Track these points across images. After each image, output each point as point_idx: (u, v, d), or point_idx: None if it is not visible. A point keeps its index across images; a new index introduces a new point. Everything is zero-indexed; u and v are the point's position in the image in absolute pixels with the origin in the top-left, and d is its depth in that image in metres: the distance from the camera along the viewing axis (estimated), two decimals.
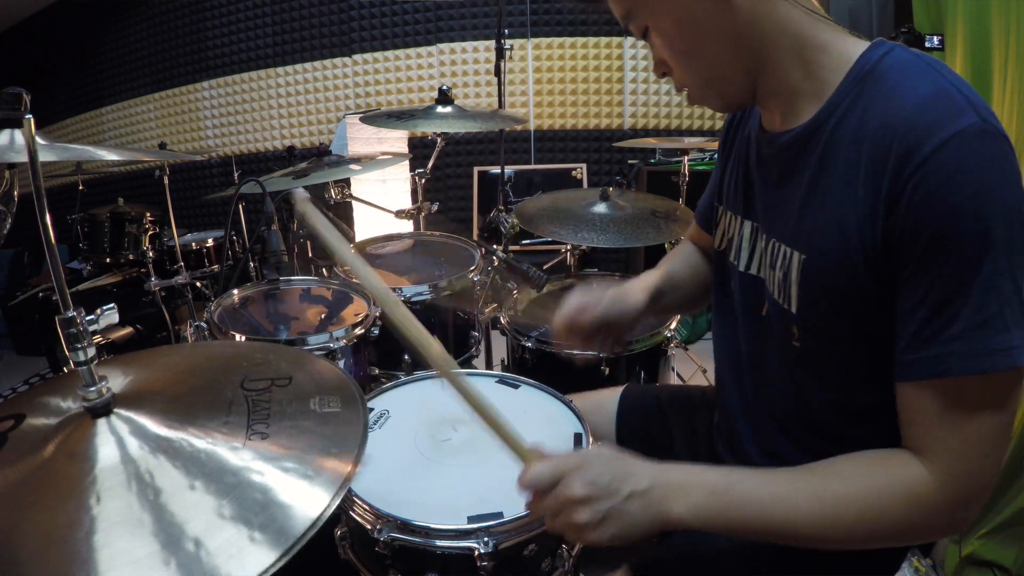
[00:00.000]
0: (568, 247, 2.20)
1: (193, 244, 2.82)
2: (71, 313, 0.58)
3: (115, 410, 0.61)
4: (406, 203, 3.04)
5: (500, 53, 2.29)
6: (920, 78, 0.65)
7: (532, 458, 0.73)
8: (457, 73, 3.73)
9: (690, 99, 0.82)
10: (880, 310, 0.69)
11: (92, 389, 0.60)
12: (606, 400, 1.18)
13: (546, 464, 0.72)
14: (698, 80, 0.78)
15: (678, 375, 2.35)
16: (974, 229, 0.60)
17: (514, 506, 0.82)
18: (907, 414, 0.68)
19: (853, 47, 0.72)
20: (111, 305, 0.59)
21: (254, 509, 0.53)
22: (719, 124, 3.63)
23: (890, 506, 0.67)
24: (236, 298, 1.55)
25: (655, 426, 1.13)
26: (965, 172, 0.60)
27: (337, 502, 0.54)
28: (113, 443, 0.58)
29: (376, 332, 1.46)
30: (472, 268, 1.70)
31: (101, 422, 0.60)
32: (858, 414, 0.78)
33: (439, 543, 0.80)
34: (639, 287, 1.07)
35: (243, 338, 1.34)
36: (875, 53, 0.70)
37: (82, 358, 0.59)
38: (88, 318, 0.60)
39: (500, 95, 2.44)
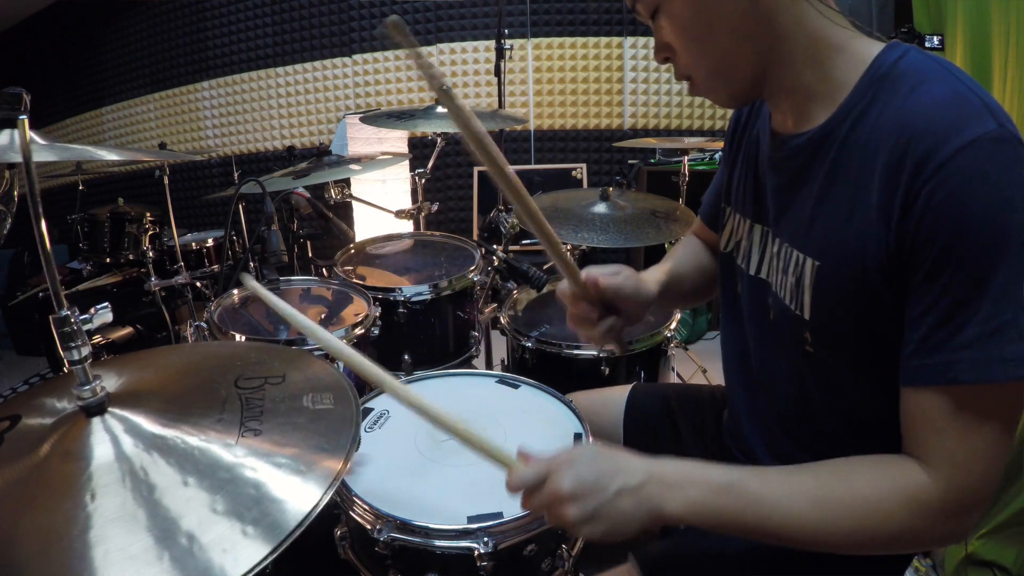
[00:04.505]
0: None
1: (193, 244, 2.81)
2: (65, 312, 0.58)
3: (109, 409, 0.61)
4: (406, 203, 3.04)
5: (500, 53, 2.29)
6: (936, 81, 0.64)
7: (515, 463, 0.72)
8: (457, 73, 3.73)
9: (693, 90, 0.79)
10: (893, 318, 0.67)
11: (86, 388, 0.60)
12: (613, 399, 1.17)
13: (532, 464, 0.71)
14: (706, 70, 0.76)
15: (678, 375, 2.34)
16: (989, 236, 0.59)
17: (514, 506, 0.82)
18: (911, 419, 0.67)
19: (868, 48, 0.70)
20: (105, 304, 0.59)
21: (247, 504, 0.54)
22: (719, 124, 3.63)
23: (891, 513, 0.65)
24: (236, 298, 1.55)
25: (663, 425, 1.12)
26: (982, 179, 0.59)
27: (329, 496, 0.54)
28: (108, 441, 0.59)
29: (376, 332, 1.46)
30: (472, 268, 1.70)
31: (96, 421, 0.60)
32: (864, 422, 0.77)
33: (439, 543, 0.80)
34: (649, 279, 1.01)
35: (243, 338, 1.33)
36: (890, 55, 0.68)
37: (76, 357, 0.59)
38: (82, 317, 0.60)
39: (500, 95, 2.45)
